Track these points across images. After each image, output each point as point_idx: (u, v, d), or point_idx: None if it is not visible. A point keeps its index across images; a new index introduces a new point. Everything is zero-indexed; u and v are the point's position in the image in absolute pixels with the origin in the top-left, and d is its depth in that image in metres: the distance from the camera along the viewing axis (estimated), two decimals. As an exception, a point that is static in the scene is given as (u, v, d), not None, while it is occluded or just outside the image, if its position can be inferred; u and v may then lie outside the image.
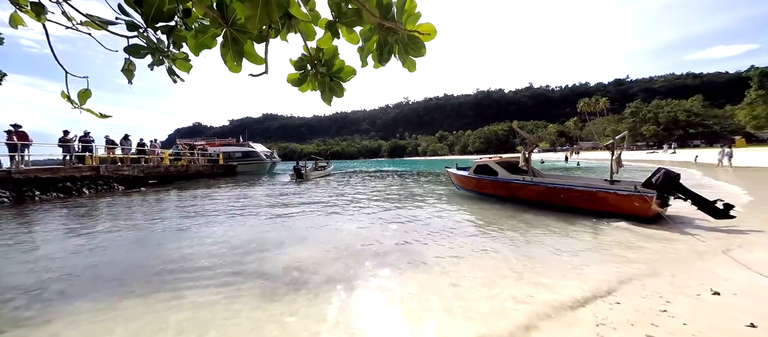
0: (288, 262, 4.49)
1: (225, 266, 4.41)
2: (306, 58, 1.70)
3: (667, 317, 2.68)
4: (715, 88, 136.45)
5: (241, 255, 4.85)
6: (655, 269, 3.78)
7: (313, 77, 1.73)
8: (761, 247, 4.45)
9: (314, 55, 1.69)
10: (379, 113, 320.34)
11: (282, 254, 4.85)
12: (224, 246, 5.36)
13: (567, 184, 7.64)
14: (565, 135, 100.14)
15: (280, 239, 5.82)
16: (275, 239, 5.77)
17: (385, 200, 10.46)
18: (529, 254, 4.57)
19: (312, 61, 1.70)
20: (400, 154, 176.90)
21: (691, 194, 6.25)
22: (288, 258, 4.65)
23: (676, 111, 60.35)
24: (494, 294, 3.32)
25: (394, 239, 5.66)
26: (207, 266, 4.40)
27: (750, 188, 10.15)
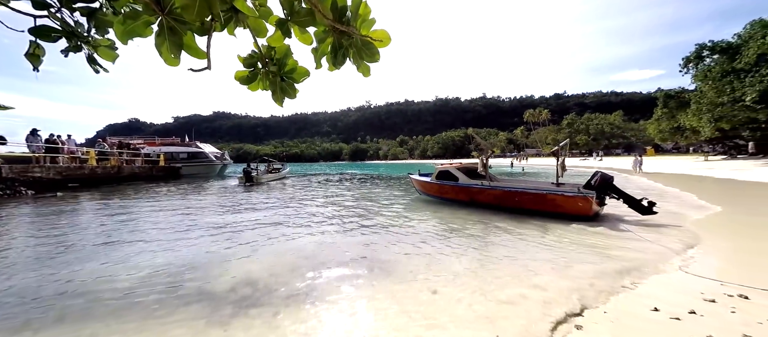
0: (237, 279, 3.94)
1: (156, 287, 3.71)
2: (256, 56, 1.61)
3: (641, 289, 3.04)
4: (632, 105, 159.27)
5: (178, 273, 4.18)
6: (629, 264, 4.26)
7: (264, 76, 1.65)
8: (682, 230, 5.28)
9: (265, 53, 1.61)
10: (340, 116, 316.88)
11: (229, 270, 4.26)
12: (156, 263, 4.58)
13: (521, 187, 8.26)
14: (513, 142, 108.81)
15: (227, 252, 5.15)
16: (221, 253, 5.10)
17: (346, 206, 10.15)
18: (492, 255, 4.82)
19: (263, 59, 1.62)
20: (362, 157, 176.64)
21: (622, 194, 7.22)
22: (237, 274, 4.09)
23: (603, 124, 69.45)
24: (477, 299, 3.27)
25: (359, 247, 5.31)
26: (131, 289, 3.67)
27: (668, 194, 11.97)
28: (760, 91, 20.56)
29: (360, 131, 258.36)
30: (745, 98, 21.54)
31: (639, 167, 23.99)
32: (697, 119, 27.30)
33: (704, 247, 4.93)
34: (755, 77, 21.30)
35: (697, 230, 5.96)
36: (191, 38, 1.30)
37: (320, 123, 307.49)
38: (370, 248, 5.26)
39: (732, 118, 24.06)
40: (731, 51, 25.17)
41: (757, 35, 22.49)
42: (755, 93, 20.78)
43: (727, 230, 6.03)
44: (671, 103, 33.77)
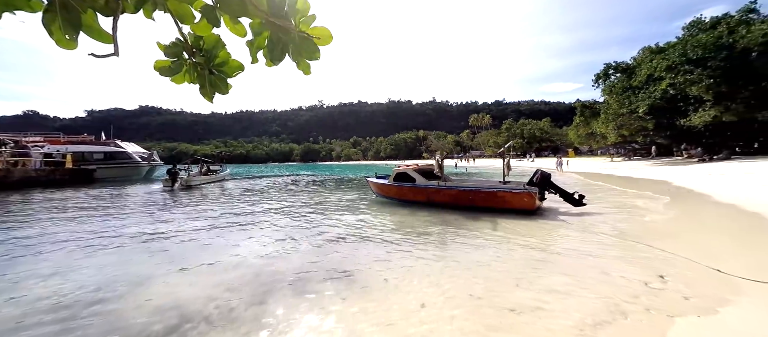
0: (160, 305, 3.25)
1: (46, 323, 2.91)
2: (180, 45, 1.45)
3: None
4: (557, 113, 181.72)
5: (79, 302, 3.35)
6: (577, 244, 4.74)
7: (191, 68, 1.49)
8: (600, 218, 6.15)
9: (193, 43, 1.46)
10: (291, 115, 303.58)
11: (150, 294, 3.54)
12: (49, 290, 3.66)
13: (474, 187, 8.86)
14: (460, 144, 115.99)
15: (146, 271, 4.30)
16: (139, 272, 4.25)
17: (299, 212, 9.63)
18: (456, 258, 5.03)
19: (189, 49, 1.46)
20: (314, 158, 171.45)
21: (558, 189, 8.31)
22: (160, 299, 3.40)
23: (535, 129, 78.15)
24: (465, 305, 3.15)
25: (317, 257, 4.83)
26: (8, 330, 2.84)
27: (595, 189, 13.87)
28: (649, 105, 25.15)
29: (312, 131, 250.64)
30: (639, 110, 26.14)
31: (560, 167, 27.55)
32: (605, 126, 32.30)
33: (605, 216, 5.87)
34: (645, 93, 25.98)
35: (600, 212, 7.06)
36: (92, 18, 1.11)
37: (269, 122, 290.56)
38: (329, 258, 4.79)
39: (630, 126, 28.98)
40: (629, 71, 30.35)
41: (647, 59, 27.51)
42: (645, 106, 25.35)
43: (625, 211, 7.26)
44: (586, 113, 39.41)
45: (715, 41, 21.64)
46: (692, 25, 28.49)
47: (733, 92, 20.51)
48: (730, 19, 25.94)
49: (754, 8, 25.75)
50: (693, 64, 21.67)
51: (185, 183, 17.85)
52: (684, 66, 22.09)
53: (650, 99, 25.01)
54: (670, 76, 22.92)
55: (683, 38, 26.52)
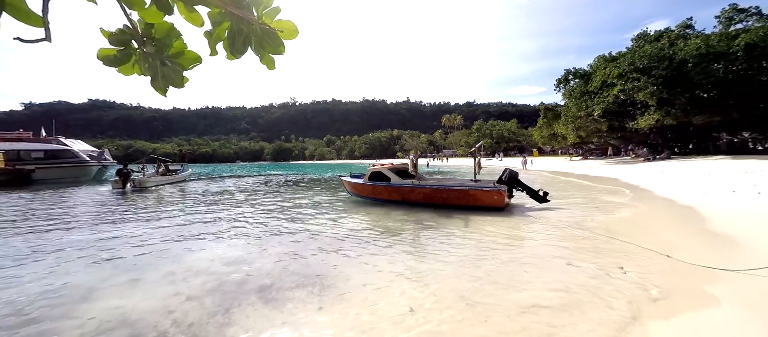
0: (105, 322, 2.88)
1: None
2: (128, 32, 1.33)
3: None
4: (524, 115, 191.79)
5: (7, 322, 2.95)
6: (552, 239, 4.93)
7: (142, 58, 1.37)
8: (562, 213, 6.54)
9: (143, 31, 1.34)
10: (261, 112, 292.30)
11: (92, 311, 3.11)
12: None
13: (447, 185, 9.07)
14: (433, 144, 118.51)
15: (88, 284, 3.81)
16: (79, 287, 3.74)
17: (268, 213, 9.27)
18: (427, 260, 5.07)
19: (139, 37, 1.34)
20: (286, 157, 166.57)
21: (525, 187, 8.80)
22: (105, 316, 3.01)
23: (503, 130, 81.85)
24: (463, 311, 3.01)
25: (288, 261, 4.53)
26: None
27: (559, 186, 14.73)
28: (603, 109, 27.32)
29: (284, 129, 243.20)
30: (594, 113, 28.32)
31: (525, 166, 29.17)
32: (565, 128, 34.61)
33: (562, 212, 6.30)
34: (599, 98, 28.19)
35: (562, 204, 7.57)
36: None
37: (237, 119, 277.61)
38: (303, 262, 4.50)
39: (586, 128, 31.31)
40: (586, 77, 32.74)
41: (601, 67, 29.85)
42: (600, 109, 27.51)
43: (583, 206, 7.83)
44: (549, 115, 41.97)
45: (658, 52, 24.00)
46: (639, 37, 31.36)
47: (673, 98, 22.88)
48: (671, 33, 28.90)
49: (690, 24, 28.93)
50: (640, 73, 23.87)
51: (139, 184, 16.46)
52: (632, 74, 24.27)
53: (604, 103, 27.20)
54: (621, 82, 25.06)
55: (632, 49, 29.13)
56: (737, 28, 25.01)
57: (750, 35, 21.66)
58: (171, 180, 20.35)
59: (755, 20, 25.33)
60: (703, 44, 22.82)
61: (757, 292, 3.13)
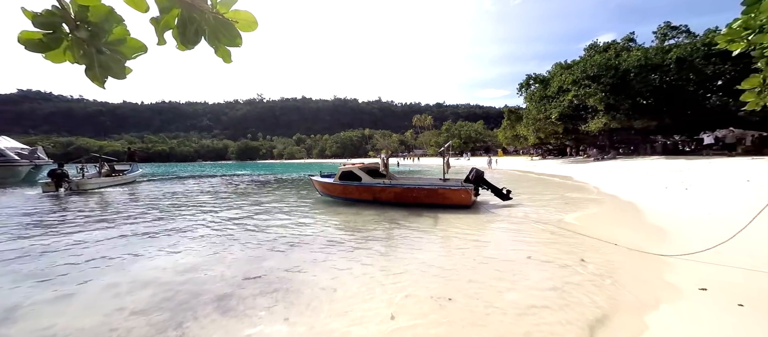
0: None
1: None
2: (58, 14, 1.18)
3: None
4: (490, 116, 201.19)
5: None
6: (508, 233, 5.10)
7: (75, 45, 1.23)
8: (523, 209, 6.91)
9: (77, 14, 1.20)
10: (225, 108, 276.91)
11: (20, 330, 2.81)
12: None
13: (417, 184, 9.22)
14: (404, 143, 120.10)
15: (9, 301, 3.38)
16: (1, 304, 3.34)
17: (230, 215, 8.75)
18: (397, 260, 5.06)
19: (72, 21, 1.20)
20: (253, 156, 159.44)
21: (490, 185, 9.23)
22: (35, 335, 2.72)
23: (470, 131, 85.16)
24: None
25: (251, 267, 4.25)
26: None
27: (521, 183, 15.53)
28: (559, 112, 29.47)
29: (250, 127, 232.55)
30: (551, 116, 30.44)
31: (490, 165, 30.64)
32: (526, 129, 36.83)
33: (523, 208, 6.71)
34: (556, 102, 30.37)
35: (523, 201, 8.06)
36: None
37: (198, 115, 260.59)
38: (267, 268, 4.22)
39: (545, 130, 33.57)
40: (545, 82, 35.09)
41: (558, 73, 32.18)
42: (556, 113, 29.64)
43: (543, 202, 8.39)
44: (512, 117, 44.42)
45: (606, 62, 26.39)
46: (590, 47, 34.19)
47: (618, 104, 25.30)
48: (617, 45, 31.83)
49: (632, 38, 32.12)
50: (590, 80, 26.09)
51: (76, 187, 14.71)
52: (584, 81, 26.46)
53: (560, 107, 29.35)
54: (575, 88, 27.21)
55: (584, 58, 31.71)
56: (670, 44, 28.26)
57: (680, 50, 24.62)
58: (116, 181, 18.36)
59: (684, 37, 28.79)
60: (643, 56, 25.50)
61: (680, 271, 3.56)
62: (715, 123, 23.95)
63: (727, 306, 2.80)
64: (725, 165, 13.22)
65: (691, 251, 4.11)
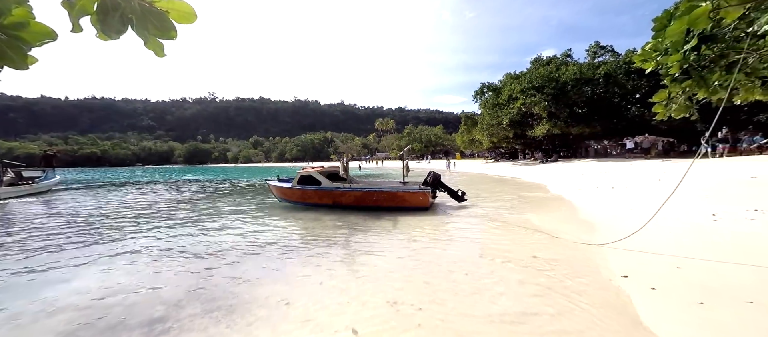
0: None
1: None
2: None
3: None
4: (448, 121, 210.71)
5: None
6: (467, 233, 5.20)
7: (-42, 25, 1.02)
8: (477, 209, 7.24)
9: (-40, -11, 1.00)
10: (171, 107, 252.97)
11: None
12: None
13: (377, 187, 9.25)
14: (367, 147, 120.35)
15: None
16: None
17: (172, 225, 7.94)
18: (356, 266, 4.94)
19: (-47, -4, 1.00)
20: (204, 160, 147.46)
21: (446, 188, 9.54)
22: None
23: (430, 135, 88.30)
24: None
25: (193, 282, 3.87)
26: None
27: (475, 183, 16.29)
28: (509, 118, 31.86)
29: (200, 129, 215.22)
30: (503, 122, 32.78)
31: (448, 168, 32.05)
32: (481, 134, 39.18)
33: (478, 208, 7.10)
34: (507, 109, 32.81)
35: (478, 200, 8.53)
36: None
37: (137, 114, 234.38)
38: (212, 283, 3.89)
39: (497, 135, 36.01)
40: (497, 90, 37.71)
41: (508, 83, 34.82)
42: (507, 119, 32.00)
43: (495, 201, 8.95)
44: (469, 122, 46.97)
45: (548, 74, 29.18)
46: (535, 60, 37.50)
47: (558, 112, 28.09)
48: (557, 59, 35.33)
49: (569, 54, 35.95)
50: (535, 90, 28.63)
51: None
52: (530, 91, 28.96)
53: (510, 114, 31.75)
54: (522, 97, 29.65)
55: (530, 70, 34.70)
56: (599, 61, 32.17)
57: (607, 67, 28.18)
58: (22, 191, 15.22)
59: (610, 55, 33.00)
60: (578, 71, 28.67)
61: (602, 255, 4.05)
62: (635, 130, 27.77)
63: (644, 290, 3.23)
64: (642, 166, 15.36)
65: (612, 240, 4.69)
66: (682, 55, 5.27)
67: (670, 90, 6.62)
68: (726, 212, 5.55)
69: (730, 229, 4.74)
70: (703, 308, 2.74)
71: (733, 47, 5.51)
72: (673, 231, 5.03)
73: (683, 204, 6.42)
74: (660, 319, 2.68)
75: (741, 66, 6.62)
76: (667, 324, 2.59)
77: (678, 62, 5.51)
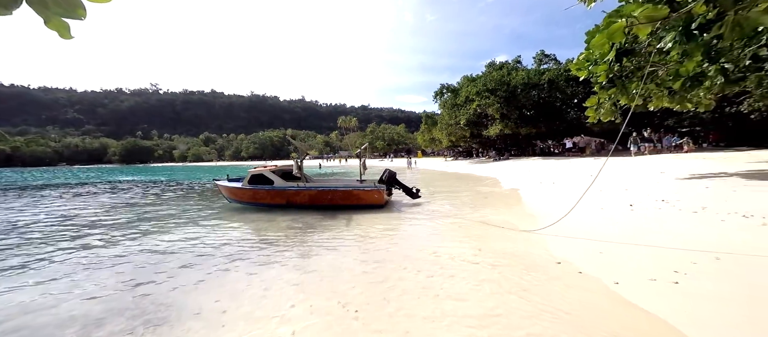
0: None
1: None
2: None
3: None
4: (411, 120, 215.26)
5: None
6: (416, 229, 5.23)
7: None
8: (430, 209, 7.45)
9: None
10: (103, 98, 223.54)
11: None
12: None
13: (332, 186, 9.07)
14: (329, 145, 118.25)
15: None
16: None
17: (98, 232, 7.06)
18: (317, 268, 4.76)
19: None
20: (145, 159, 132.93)
21: (402, 185, 9.67)
22: None
23: (393, 133, 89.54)
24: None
25: (119, 295, 3.54)
26: None
27: (432, 181, 16.77)
28: (466, 119, 33.57)
29: (140, 123, 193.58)
30: (461, 122, 34.44)
31: (409, 166, 32.86)
32: (440, 133, 40.73)
33: (433, 204, 7.39)
34: (464, 110, 34.52)
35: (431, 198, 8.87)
36: None
37: (59, 106, 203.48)
38: (140, 294, 3.57)
39: (455, 134, 37.74)
40: (455, 91, 39.46)
41: (465, 85, 36.59)
42: (464, 119, 33.69)
43: (451, 197, 9.35)
44: (429, 122, 48.54)
45: (501, 78, 31.26)
46: (489, 64, 39.87)
47: (510, 114, 30.27)
48: (508, 65, 37.91)
49: (519, 60, 38.82)
50: (489, 93, 30.50)
51: None
52: (485, 93, 30.78)
53: (467, 114, 33.47)
54: (478, 99, 31.40)
55: (485, 73, 36.84)
56: (544, 68, 35.25)
57: (550, 73, 31.01)
58: None
59: (553, 63, 36.37)
60: (526, 76, 31.13)
61: (543, 244, 4.47)
62: (573, 131, 31.01)
63: (573, 273, 3.62)
64: (579, 164, 17.21)
65: (543, 227, 5.20)
66: (608, 66, 6.01)
67: (599, 96, 7.49)
68: (641, 202, 6.44)
69: (643, 216, 5.52)
70: (618, 287, 3.15)
71: (647, 61, 6.38)
72: (599, 220, 5.71)
73: (609, 197, 7.32)
74: (585, 303, 3.02)
75: (653, 77, 7.72)
76: (588, 308, 2.93)
77: (604, 72, 6.28)
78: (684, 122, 22.08)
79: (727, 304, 2.64)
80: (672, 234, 4.46)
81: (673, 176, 9.24)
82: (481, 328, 2.64)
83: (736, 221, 4.60)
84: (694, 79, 6.33)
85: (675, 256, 3.70)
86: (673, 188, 7.42)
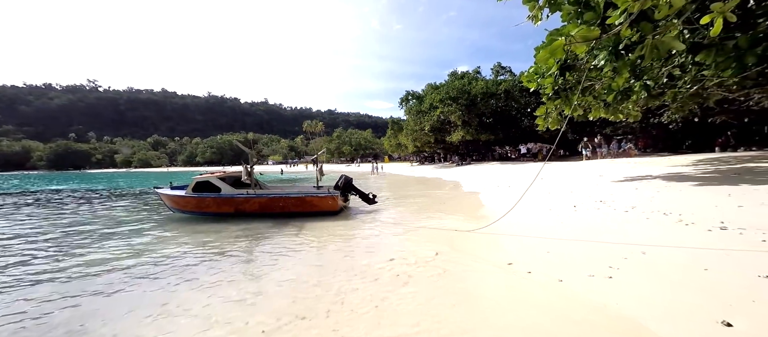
0: None
1: None
2: None
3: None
4: (378, 126, 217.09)
5: None
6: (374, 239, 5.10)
7: None
8: (388, 214, 7.46)
9: None
10: (26, 94, 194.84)
11: None
12: None
13: (284, 193, 8.73)
14: (294, 149, 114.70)
15: None
16: None
17: (16, 250, 6.21)
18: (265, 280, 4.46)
19: None
20: (79, 165, 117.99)
21: (358, 191, 9.49)
22: None
23: (360, 138, 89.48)
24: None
25: (23, 326, 3.12)
26: None
27: (391, 186, 16.88)
28: (430, 125, 34.66)
29: (74, 124, 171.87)
30: (425, 128, 35.46)
31: (375, 171, 33.04)
32: (406, 139, 41.58)
33: (390, 211, 7.46)
34: (428, 116, 35.64)
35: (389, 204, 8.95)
36: None
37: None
38: (54, 318, 3.22)
39: (420, 140, 38.76)
40: (420, 98, 40.62)
41: (429, 92, 37.84)
42: (428, 125, 34.76)
43: (408, 202, 9.50)
44: (395, 127, 49.29)
45: (462, 87, 32.82)
46: (452, 74, 41.65)
47: (470, 121, 31.85)
48: (469, 74, 39.91)
49: (479, 71, 41.09)
50: (452, 100, 31.86)
51: None
52: (448, 100, 32.09)
53: (431, 121, 34.60)
54: (441, 106, 32.64)
55: (448, 82, 38.44)
56: (501, 78, 37.70)
57: (506, 84, 33.25)
58: None
59: (509, 75, 39.05)
60: (485, 86, 33.04)
61: (490, 234, 4.71)
62: (527, 138, 33.45)
63: (522, 273, 3.85)
64: (532, 168, 18.56)
65: (487, 225, 5.51)
66: (553, 79, 6.56)
67: (547, 106, 8.14)
68: (582, 203, 7.09)
69: (585, 216, 6.07)
70: (562, 285, 3.40)
71: (585, 76, 7.08)
72: (549, 220, 6.17)
73: (557, 198, 7.96)
74: (533, 300, 3.22)
75: (591, 91, 8.56)
76: (533, 306, 3.13)
77: (551, 84, 6.84)
78: (618, 131, 24.92)
79: (651, 291, 2.97)
80: (609, 231, 4.95)
81: (609, 178, 10.33)
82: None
83: (657, 218, 5.24)
84: (624, 93, 7.18)
85: (610, 251, 4.11)
86: (610, 189, 8.28)
